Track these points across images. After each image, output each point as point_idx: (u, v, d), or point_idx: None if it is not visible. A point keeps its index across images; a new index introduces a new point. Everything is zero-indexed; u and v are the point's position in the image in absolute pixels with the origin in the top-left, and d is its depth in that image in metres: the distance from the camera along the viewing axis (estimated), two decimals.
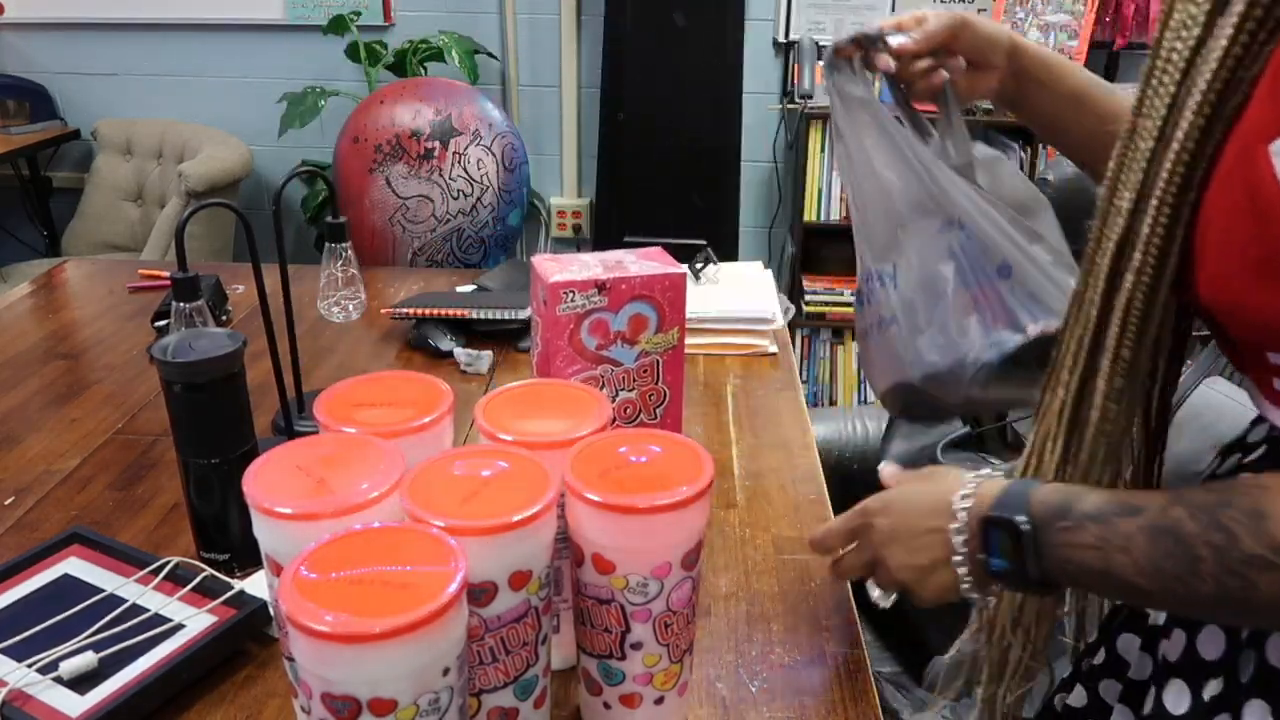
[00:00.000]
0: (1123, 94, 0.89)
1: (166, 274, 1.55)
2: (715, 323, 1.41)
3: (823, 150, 2.88)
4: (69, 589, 0.83)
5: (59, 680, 0.73)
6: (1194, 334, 0.70)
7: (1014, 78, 0.93)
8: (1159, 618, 0.73)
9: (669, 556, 0.66)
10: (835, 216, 2.94)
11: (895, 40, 0.90)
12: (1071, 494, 0.63)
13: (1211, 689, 0.65)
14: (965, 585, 0.68)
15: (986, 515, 0.65)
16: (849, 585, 0.89)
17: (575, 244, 3.31)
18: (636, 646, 0.68)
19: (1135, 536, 0.59)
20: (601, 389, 0.91)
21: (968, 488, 0.68)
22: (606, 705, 0.72)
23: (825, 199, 2.92)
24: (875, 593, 0.79)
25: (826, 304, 2.99)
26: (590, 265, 0.91)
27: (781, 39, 3.02)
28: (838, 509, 0.91)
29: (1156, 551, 0.58)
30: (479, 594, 0.61)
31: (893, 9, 2.94)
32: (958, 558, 0.68)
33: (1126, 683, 0.75)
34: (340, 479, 0.64)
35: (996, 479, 0.68)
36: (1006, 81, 0.93)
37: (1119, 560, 0.59)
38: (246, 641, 0.81)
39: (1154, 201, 0.60)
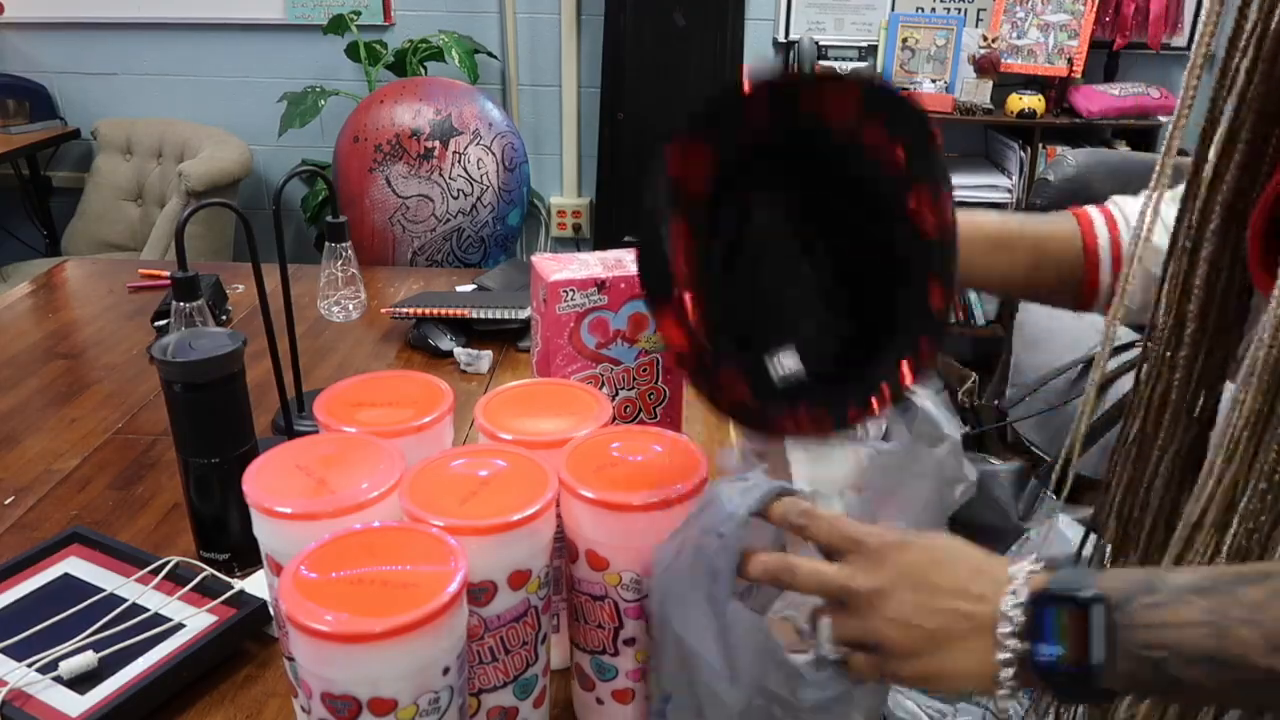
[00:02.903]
0: (1054, 235, 0.84)
1: (166, 273, 1.55)
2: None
3: None
4: (69, 589, 0.83)
5: (59, 680, 0.73)
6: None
7: None
8: None
9: None
10: None
11: None
12: (1157, 571, 0.51)
13: None
14: (1006, 678, 0.51)
15: (1041, 590, 0.51)
16: None
17: (575, 244, 3.31)
18: (629, 642, 0.68)
19: (1271, 604, 0.46)
20: (601, 388, 0.91)
21: (1029, 559, 0.53)
22: (599, 700, 0.72)
23: None
24: (826, 646, 0.57)
25: None
26: (590, 264, 0.91)
27: (781, 39, 3.02)
28: None
29: None
30: (479, 593, 0.61)
31: (892, 7, 2.94)
32: (1007, 640, 0.51)
33: None
34: (340, 479, 0.64)
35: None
36: None
37: (1242, 637, 0.46)
38: (246, 641, 0.81)
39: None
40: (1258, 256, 0.58)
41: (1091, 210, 0.85)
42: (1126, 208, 0.85)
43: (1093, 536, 0.76)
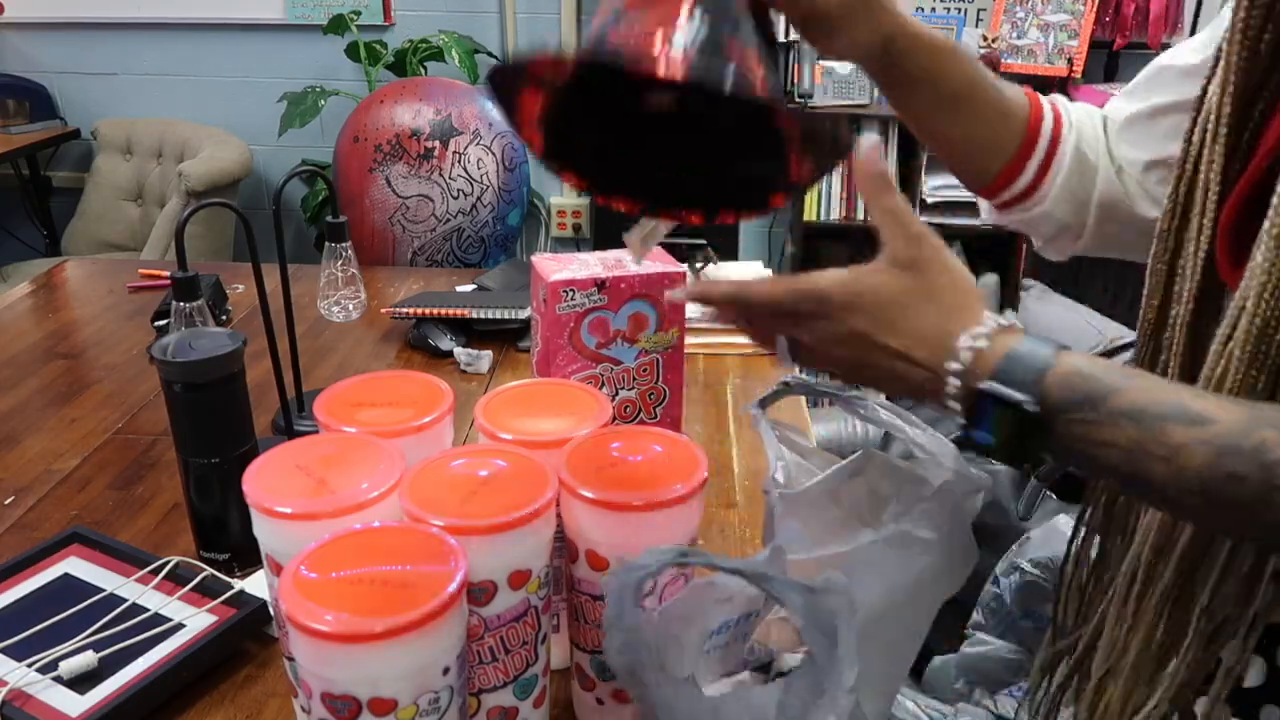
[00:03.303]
0: (1010, 91, 0.77)
1: (166, 273, 1.55)
2: (715, 322, 1.41)
3: None
4: (69, 589, 0.83)
5: (59, 680, 0.73)
6: None
7: (886, 68, 0.72)
8: None
9: None
10: (835, 216, 2.94)
11: None
12: (1108, 379, 0.51)
13: None
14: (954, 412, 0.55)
15: (982, 385, 0.53)
16: None
17: (575, 244, 3.31)
18: None
19: (1192, 450, 0.48)
20: (601, 388, 0.91)
21: (985, 325, 0.54)
22: (599, 701, 0.72)
23: (825, 199, 2.92)
24: (787, 358, 0.61)
25: None
26: (590, 264, 0.91)
27: (782, 39, 3.01)
28: None
29: (1216, 473, 0.47)
30: (478, 593, 0.61)
31: None
32: (952, 403, 0.54)
33: None
34: (340, 479, 0.64)
35: (1015, 332, 0.54)
36: (874, 66, 0.72)
37: (1154, 470, 0.49)
38: (246, 641, 0.81)
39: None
40: (1227, 251, 0.58)
41: (1044, 103, 0.78)
42: (1072, 111, 0.79)
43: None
